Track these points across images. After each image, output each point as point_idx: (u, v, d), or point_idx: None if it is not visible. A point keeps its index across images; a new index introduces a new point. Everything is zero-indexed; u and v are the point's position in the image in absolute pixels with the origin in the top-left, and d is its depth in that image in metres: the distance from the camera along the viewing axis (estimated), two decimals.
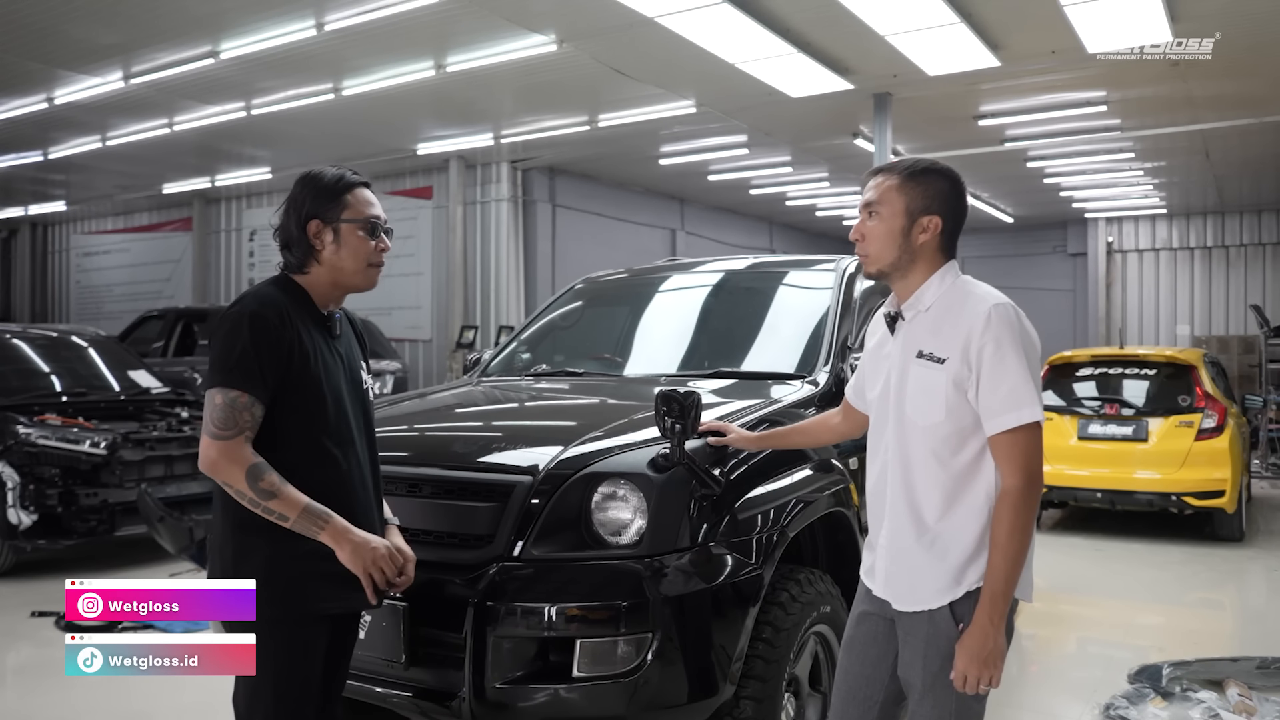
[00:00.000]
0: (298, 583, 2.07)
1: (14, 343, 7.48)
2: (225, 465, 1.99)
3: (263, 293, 2.14)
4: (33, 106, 11.00)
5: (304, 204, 2.16)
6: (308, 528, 2.02)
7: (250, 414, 2.01)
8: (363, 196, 2.21)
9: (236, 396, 2.00)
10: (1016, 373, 1.95)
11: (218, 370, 2.02)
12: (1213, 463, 7.38)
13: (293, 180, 2.26)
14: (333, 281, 2.20)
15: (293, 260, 2.19)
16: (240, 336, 2.02)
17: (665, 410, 2.50)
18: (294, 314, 2.12)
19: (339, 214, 2.17)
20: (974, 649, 1.94)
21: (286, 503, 2.00)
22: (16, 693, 4.37)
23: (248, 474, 1.98)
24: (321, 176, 2.19)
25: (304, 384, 2.09)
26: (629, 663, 2.41)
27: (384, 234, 2.24)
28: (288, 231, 2.18)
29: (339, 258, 2.17)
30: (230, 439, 1.99)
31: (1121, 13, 7.35)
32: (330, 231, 2.17)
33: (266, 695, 2.07)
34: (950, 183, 2.12)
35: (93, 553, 6.71)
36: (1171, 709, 3.91)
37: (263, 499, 1.99)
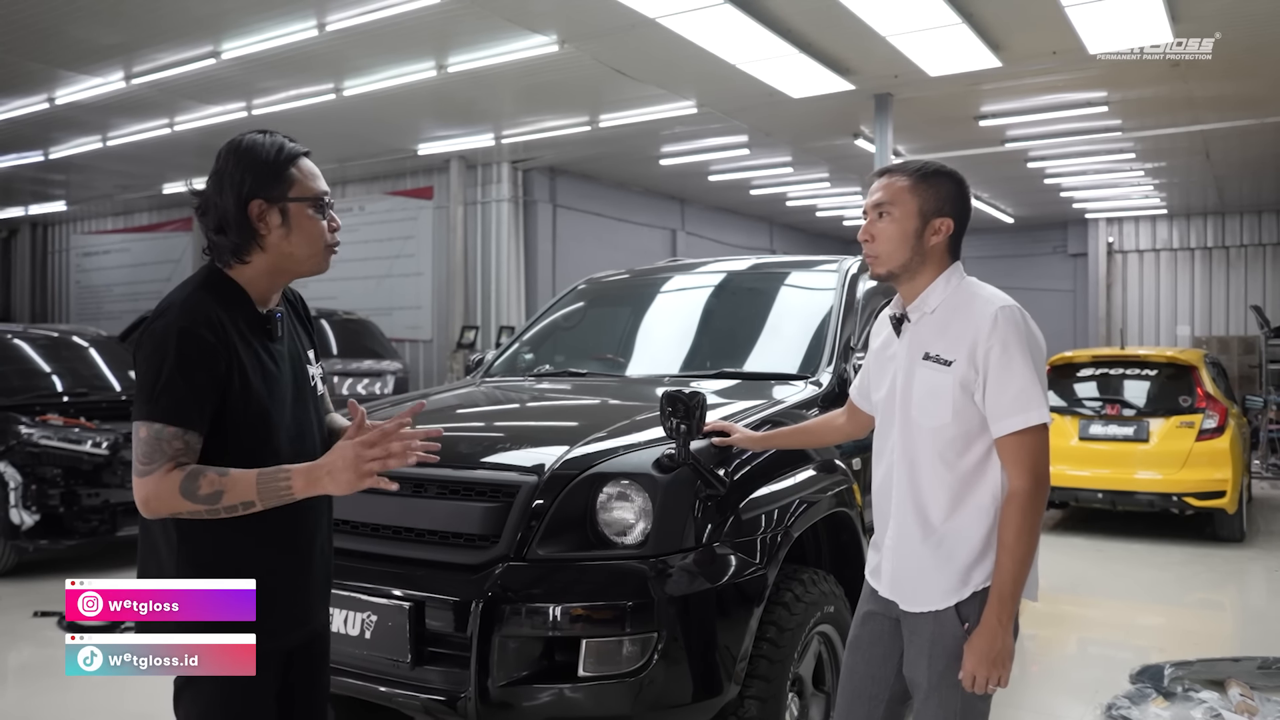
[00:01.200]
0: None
1: (15, 343, 7.48)
2: (156, 498, 1.70)
3: (190, 300, 1.79)
4: (34, 107, 10.98)
5: (242, 181, 1.81)
6: (278, 496, 1.72)
7: (181, 442, 1.71)
8: (307, 168, 1.88)
9: (160, 429, 1.70)
10: (1023, 375, 1.96)
11: (142, 400, 1.72)
12: (1213, 463, 7.39)
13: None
14: (276, 269, 1.87)
15: (227, 246, 1.82)
16: (166, 359, 1.71)
17: (670, 411, 2.51)
18: (227, 322, 1.79)
19: (285, 191, 1.83)
20: (983, 649, 1.95)
21: (238, 490, 1.70)
22: (18, 693, 4.37)
23: (183, 491, 1.69)
24: (259, 147, 1.84)
25: (246, 404, 1.79)
26: (634, 662, 2.42)
27: (331, 211, 1.92)
28: (223, 214, 1.81)
29: (289, 243, 1.84)
30: (154, 471, 1.69)
31: (1122, 13, 7.36)
32: (277, 213, 1.83)
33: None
34: (959, 185, 2.13)
35: (94, 553, 6.72)
36: (1173, 709, 3.91)
37: (213, 503, 1.70)
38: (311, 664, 2.02)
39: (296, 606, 1.91)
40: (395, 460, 1.76)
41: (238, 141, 1.86)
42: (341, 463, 1.73)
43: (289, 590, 1.89)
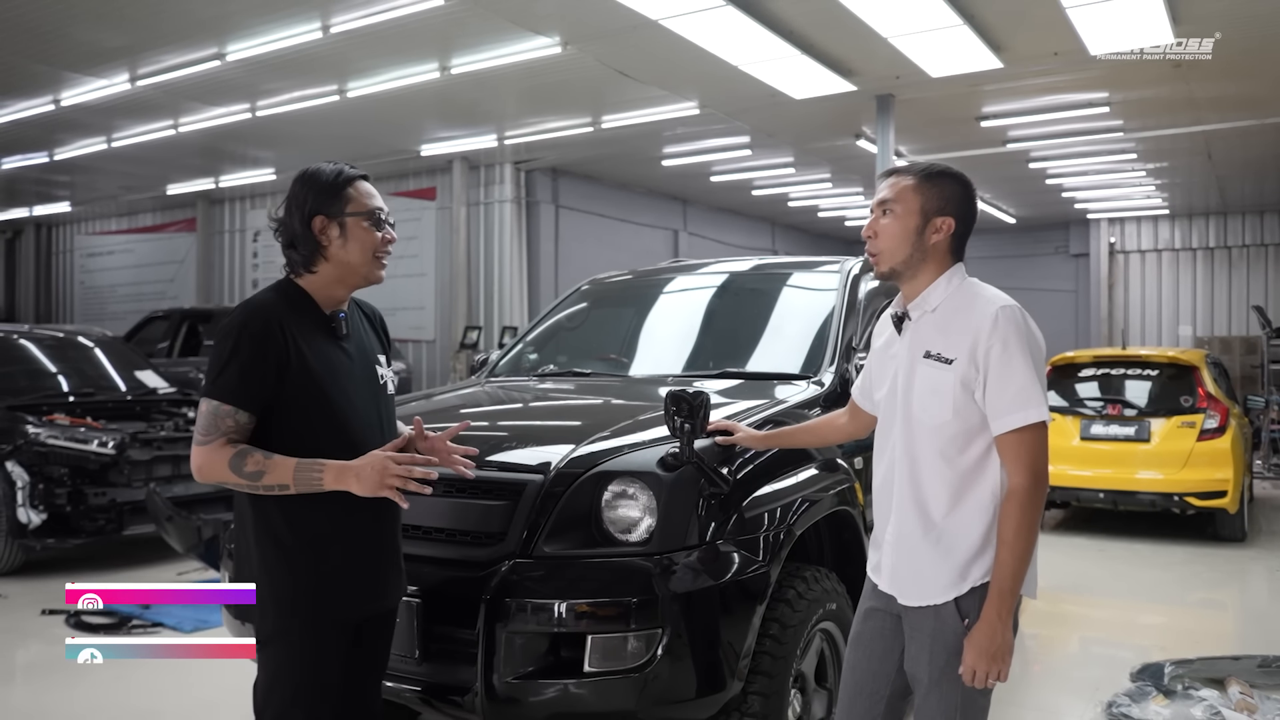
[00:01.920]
0: (318, 589, 2.09)
1: (22, 343, 7.52)
2: (209, 466, 2.02)
3: (258, 301, 2.14)
4: (39, 108, 11.06)
5: (306, 201, 2.14)
6: (310, 485, 2.02)
7: (233, 420, 2.03)
8: (364, 189, 2.19)
9: (218, 406, 2.02)
10: (1023, 374, 1.99)
11: (207, 381, 2.06)
12: (1215, 463, 7.40)
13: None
14: (339, 278, 2.18)
15: (298, 259, 2.16)
16: (226, 348, 2.05)
17: (674, 410, 2.54)
18: (291, 320, 2.10)
19: (343, 208, 2.15)
20: (983, 644, 1.98)
21: (278, 473, 2.01)
22: (27, 689, 4.41)
23: (231, 466, 2.00)
24: (321, 173, 2.17)
25: (305, 390, 2.09)
26: (639, 658, 2.45)
27: (388, 225, 2.23)
28: (291, 230, 2.15)
29: (346, 252, 2.15)
30: (210, 443, 2.02)
31: (1123, 14, 7.38)
32: (336, 226, 2.14)
33: (284, 695, 2.10)
34: (964, 187, 2.17)
35: (101, 552, 6.74)
36: (1173, 707, 3.93)
37: (256, 480, 2.01)
38: (377, 639, 2.28)
39: (369, 583, 2.18)
40: (414, 485, 2.05)
41: (305, 170, 2.19)
42: (369, 470, 2.02)
43: (362, 567, 2.16)
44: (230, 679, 4.30)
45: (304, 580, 2.08)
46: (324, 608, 2.10)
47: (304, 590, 2.08)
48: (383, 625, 2.30)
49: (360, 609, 2.17)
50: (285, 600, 2.08)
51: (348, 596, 2.13)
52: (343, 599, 2.12)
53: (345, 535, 2.13)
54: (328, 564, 2.10)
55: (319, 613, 2.09)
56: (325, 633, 2.11)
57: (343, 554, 2.12)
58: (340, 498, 2.07)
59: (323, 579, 2.10)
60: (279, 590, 2.09)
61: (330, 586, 2.10)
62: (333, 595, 2.10)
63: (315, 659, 2.10)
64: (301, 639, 2.09)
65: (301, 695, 2.09)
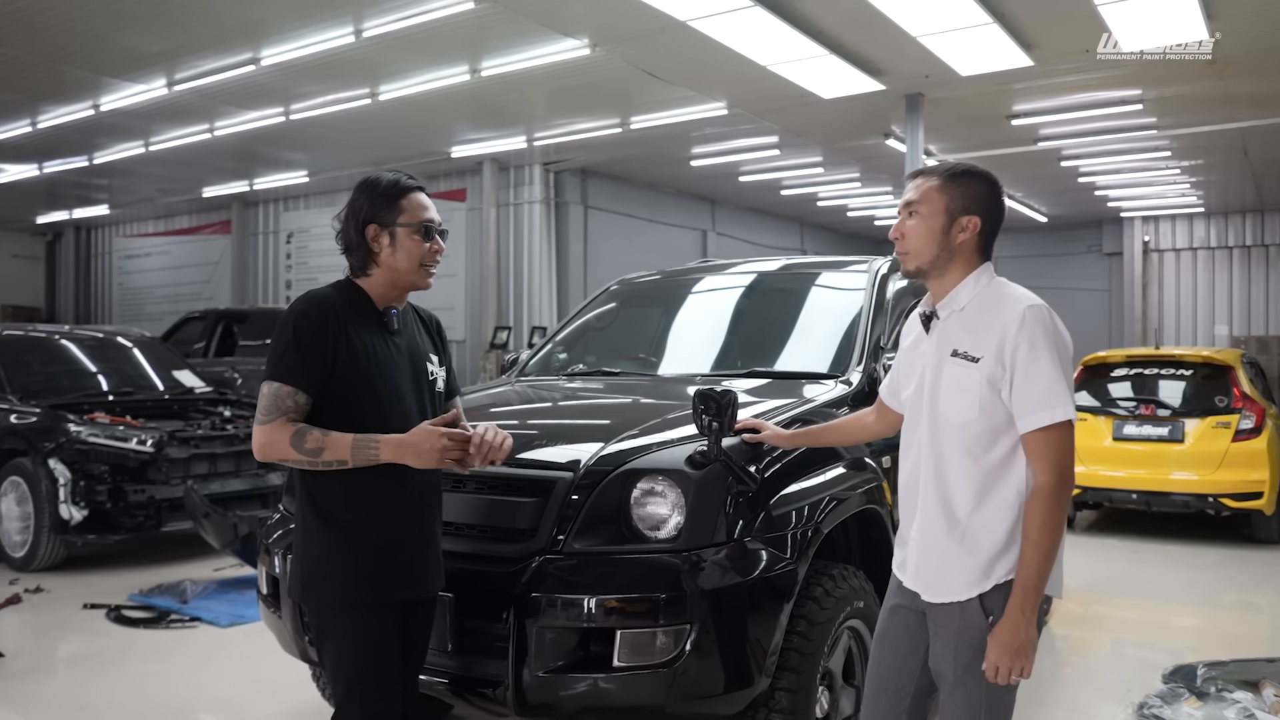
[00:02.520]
0: (372, 571, 2.21)
1: (63, 343, 7.70)
2: (271, 444, 2.15)
3: (316, 294, 2.29)
4: (80, 113, 11.27)
5: (362, 209, 2.28)
6: (367, 459, 2.15)
7: (292, 400, 2.16)
8: (417, 200, 2.32)
9: (279, 387, 2.16)
10: (1050, 372, 2.01)
11: (269, 365, 2.20)
12: (1250, 464, 7.32)
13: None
14: (390, 282, 2.32)
15: (354, 263, 2.32)
16: (286, 334, 2.19)
17: (703, 408, 2.57)
18: (345, 313, 2.25)
19: (395, 218, 2.28)
20: (1006, 640, 1.99)
21: (336, 448, 2.14)
22: (70, 679, 4.52)
23: (292, 443, 2.14)
24: (378, 182, 2.30)
25: (354, 378, 2.22)
26: (667, 653, 2.48)
27: (438, 235, 2.34)
28: (348, 236, 2.30)
29: (394, 259, 2.29)
30: (271, 422, 2.15)
31: (1156, 11, 7.31)
32: (387, 235, 2.28)
33: (349, 672, 2.22)
34: (989, 186, 2.18)
35: (140, 547, 6.89)
36: (1206, 709, 3.91)
37: (315, 456, 2.14)
38: (423, 622, 2.40)
39: (418, 566, 2.30)
40: (460, 467, 2.23)
41: (365, 178, 2.32)
42: (425, 443, 2.15)
43: (411, 551, 2.28)
44: (263, 672, 4.40)
45: (354, 556, 2.21)
46: (382, 588, 2.22)
47: (355, 566, 2.20)
48: (424, 613, 2.40)
49: (410, 591, 2.29)
50: (351, 580, 2.20)
51: (400, 577, 2.26)
52: (396, 579, 2.25)
53: (395, 519, 2.25)
54: (383, 545, 2.23)
55: (376, 592, 2.22)
56: (382, 611, 2.23)
57: (394, 537, 2.25)
58: (392, 484, 2.22)
59: (378, 559, 2.22)
60: (331, 565, 2.21)
61: (385, 567, 2.23)
62: (387, 575, 2.23)
63: (378, 636, 2.23)
64: (364, 617, 2.22)
65: (365, 671, 2.21)
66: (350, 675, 2.22)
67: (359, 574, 2.21)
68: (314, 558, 2.24)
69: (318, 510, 2.24)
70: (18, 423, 6.51)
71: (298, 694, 4.02)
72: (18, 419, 6.53)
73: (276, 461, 2.19)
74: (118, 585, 5.97)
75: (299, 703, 4.00)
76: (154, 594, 5.71)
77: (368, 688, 2.21)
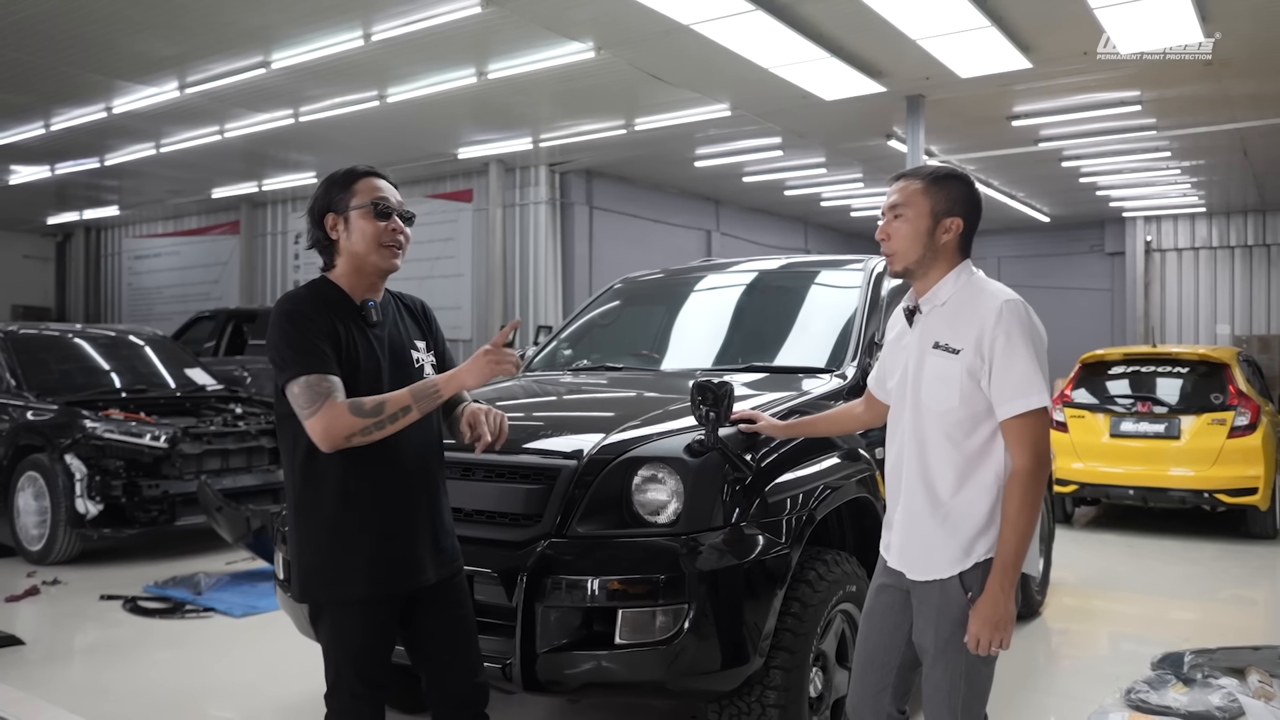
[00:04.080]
0: (367, 569, 2.24)
1: (78, 342, 7.84)
2: (333, 424, 2.11)
3: (290, 295, 2.29)
4: (92, 116, 11.43)
5: (318, 201, 2.31)
6: (429, 400, 2.20)
7: (328, 383, 2.14)
8: (370, 184, 2.31)
9: (307, 379, 2.13)
10: (1026, 362, 2.13)
11: (283, 366, 2.16)
12: (1245, 460, 7.42)
13: None
14: (354, 269, 2.30)
15: (324, 259, 2.34)
16: (283, 333, 2.18)
17: (700, 399, 2.70)
18: (322, 308, 2.24)
19: (348, 203, 2.28)
20: (986, 614, 2.12)
21: (396, 400, 2.16)
22: (88, 668, 4.64)
23: (352, 410, 2.12)
24: (333, 175, 2.35)
25: (342, 367, 2.22)
26: (667, 631, 2.61)
27: (399, 217, 2.32)
28: (312, 233, 2.34)
29: (351, 243, 2.28)
30: (320, 408, 2.12)
31: (1152, 14, 7.41)
32: (342, 220, 2.29)
33: (341, 658, 2.28)
34: (968, 188, 2.31)
35: (154, 541, 7.02)
36: (1191, 694, 4.00)
37: (378, 414, 2.13)
38: (450, 604, 2.41)
39: (407, 562, 2.30)
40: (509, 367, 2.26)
41: (324, 176, 2.37)
42: (479, 362, 2.23)
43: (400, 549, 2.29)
44: (276, 660, 4.53)
45: (341, 555, 2.23)
46: (375, 583, 2.25)
47: (341, 565, 2.23)
48: (446, 596, 2.40)
49: (406, 584, 2.29)
50: (341, 578, 2.24)
51: (395, 572, 2.27)
52: (391, 574, 2.26)
53: (388, 513, 2.27)
54: (376, 540, 2.24)
55: (371, 588, 2.25)
56: (379, 605, 2.27)
57: (388, 530, 2.26)
58: (385, 475, 2.25)
59: (373, 555, 2.24)
60: (321, 564, 2.25)
61: (379, 563, 2.24)
62: (382, 571, 2.25)
63: (372, 627, 2.27)
64: (360, 612, 2.26)
65: (361, 657, 2.27)
66: (341, 661, 2.26)
67: (354, 572, 2.23)
68: (305, 555, 2.27)
69: (306, 507, 2.25)
70: (34, 419, 6.65)
71: (311, 680, 4.13)
72: (34, 416, 6.68)
73: (343, 443, 2.14)
74: (133, 578, 6.11)
75: (312, 688, 4.11)
76: (169, 586, 5.84)
77: (357, 674, 2.26)
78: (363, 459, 2.20)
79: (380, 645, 2.31)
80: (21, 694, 4.09)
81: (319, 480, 2.23)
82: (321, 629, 2.30)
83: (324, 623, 2.29)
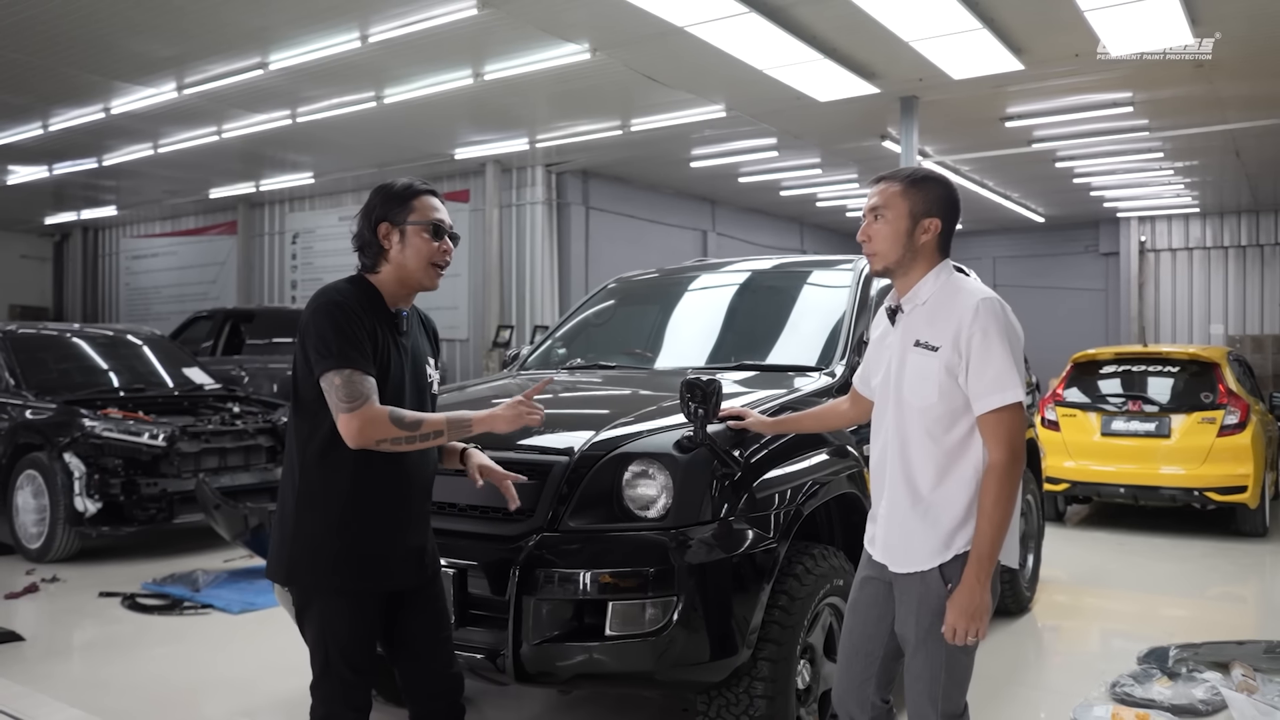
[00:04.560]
0: (358, 561, 2.30)
1: (76, 341, 7.89)
2: (370, 423, 2.17)
3: (337, 287, 2.35)
4: (90, 116, 11.47)
5: (375, 208, 2.39)
6: (461, 432, 2.32)
7: (368, 383, 2.21)
8: (428, 202, 2.42)
9: (350, 373, 2.19)
10: (1001, 359, 2.19)
11: (326, 356, 2.20)
12: (1235, 458, 7.48)
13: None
14: (399, 280, 2.39)
15: (366, 260, 2.40)
16: (333, 322, 2.22)
17: (689, 396, 2.76)
18: (367, 307, 2.32)
19: (405, 217, 2.37)
20: (963, 605, 2.18)
21: (432, 422, 2.27)
22: (88, 663, 4.69)
23: (393, 421, 2.20)
24: (393, 185, 2.42)
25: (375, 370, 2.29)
26: (656, 623, 2.67)
27: (448, 238, 2.44)
28: (362, 234, 2.40)
29: (404, 257, 2.37)
30: (361, 405, 2.18)
31: (1142, 16, 7.48)
32: (397, 233, 2.37)
33: (328, 649, 2.33)
34: (947, 189, 2.37)
35: (153, 539, 7.06)
36: (1176, 687, 4.06)
37: (414, 429, 2.23)
38: (429, 602, 2.48)
39: (395, 562, 2.36)
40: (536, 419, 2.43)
41: (381, 184, 2.44)
42: (512, 410, 2.39)
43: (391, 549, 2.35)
44: (274, 655, 4.58)
45: (340, 545, 2.29)
46: (364, 577, 2.31)
47: (339, 554, 2.28)
48: (426, 594, 2.47)
49: (394, 582, 2.37)
50: (329, 566, 2.29)
51: (384, 570, 2.33)
52: (380, 571, 2.32)
53: (388, 514, 2.33)
54: (370, 537, 2.30)
55: (360, 581, 2.31)
56: (365, 598, 2.33)
57: (383, 530, 2.32)
58: (396, 480, 2.32)
59: (365, 551, 2.30)
60: (316, 552, 2.29)
61: (370, 558, 2.30)
62: (372, 567, 2.31)
63: (359, 618, 2.32)
64: (347, 603, 2.31)
65: (349, 648, 2.33)
66: (329, 651, 2.31)
67: (344, 562, 2.28)
68: (300, 542, 2.30)
69: (311, 497, 2.29)
70: (33, 418, 6.70)
71: (308, 675, 4.18)
72: (33, 414, 6.73)
73: (372, 445, 2.20)
74: (131, 575, 6.16)
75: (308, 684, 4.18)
76: (167, 583, 5.89)
77: (346, 661, 2.31)
78: (379, 457, 2.27)
79: (368, 634, 2.37)
80: (22, 689, 4.14)
81: (333, 472, 2.27)
82: (309, 618, 2.34)
83: (313, 612, 2.34)
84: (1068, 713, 3.88)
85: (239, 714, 3.95)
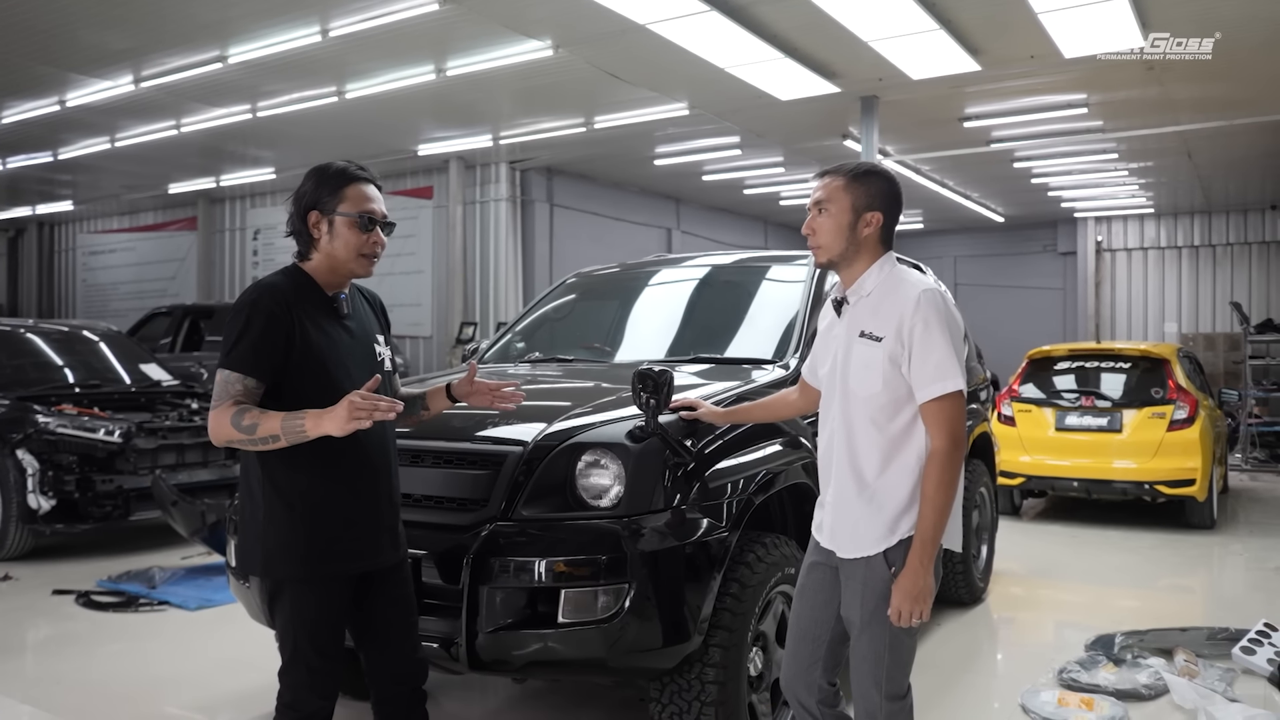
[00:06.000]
0: (323, 547, 2.33)
1: (30, 337, 7.77)
2: (217, 426, 2.22)
3: (266, 282, 2.35)
4: (44, 109, 11.26)
5: (306, 195, 2.36)
6: (296, 433, 2.19)
7: (240, 385, 2.23)
8: (360, 191, 2.37)
9: (228, 374, 2.24)
10: (942, 349, 2.25)
11: (222, 354, 2.28)
12: (1184, 452, 7.67)
13: (296, 180, 2.43)
14: (330, 268, 2.39)
15: (300, 248, 2.40)
16: (239, 323, 2.26)
17: (641, 386, 2.80)
18: (296, 300, 2.31)
19: (335, 206, 2.34)
20: (907, 588, 2.24)
21: (268, 424, 2.19)
22: (42, 661, 4.65)
23: (233, 422, 2.19)
24: (326, 169, 2.38)
25: (308, 362, 2.30)
26: (608, 610, 2.70)
27: (380, 228, 2.40)
28: (293, 221, 2.39)
29: (332, 247, 2.36)
30: (219, 407, 2.23)
31: (1093, 19, 7.62)
32: (326, 222, 2.35)
33: (297, 635, 2.36)
34: (889, 183, 2.42)
35: (108, 537, 6.99)
36: (1120, 673, 4.18)
37: (252, 433, 2.19)
38: (396, 585, 2.50)
39: (363, 543, 2.39)
40: (379, 414, 2.16)
41: (317, 165, 2.40)
42: (339, 407, 2.16)
43: (356, 531, 2.38)
44: (230, 651, 4.57)
45: (307, 534, 2.32)
46: (330, 562, 2.34)
47: (308, 543, 2.32)
48: (393, 577, 2.50)
49: (360, 564, 2.40)
50: (297, 556, 2.31)
51: (350, 552, 2.36)
52: (346, 555, 2.36)
53: (345, 495, 2.36)
54: (333, 521, 2.34)
55: (327, 567, 2.34)
56: (332, 584, 2.36)
57: (345, 513, 2.35)
58: (343, 460, 2.33)
59: (329, 535, 2.33)
60: (287, 543, 2.32)
61: (335, 543, 2.34)
62: (337, 551, 2.34)
63: (327, 604, 2.36)
64: (314, 590, 2.34)
65: (318, 634, 2.35)
66: (299, 638, 2.34)
67: (310, 550, 2.31)
68: (266, 533, 2.32)
69: (276, 488, 2.31)
70: None
71: (264, 671, 4.16)
72: None
73: (226, 444, 2.25)
74: (86, 573, 6.09)
75: (266, 679, 4.13)
76: (123, 580, 5.83)
77: (314, 649, 2.34)
78: (337, 445, 2.27)
79: (337, 621, 2.40)
80: None
81: (295, 462, 2.29)
82: (280, 606, 2.37)
83: (283, 599, 2.35)
84: (1017, 699, 3.96)
85: (195, 710, 3.94)
